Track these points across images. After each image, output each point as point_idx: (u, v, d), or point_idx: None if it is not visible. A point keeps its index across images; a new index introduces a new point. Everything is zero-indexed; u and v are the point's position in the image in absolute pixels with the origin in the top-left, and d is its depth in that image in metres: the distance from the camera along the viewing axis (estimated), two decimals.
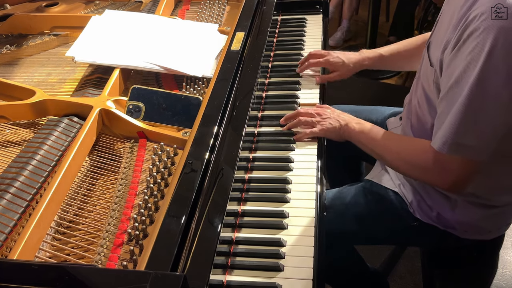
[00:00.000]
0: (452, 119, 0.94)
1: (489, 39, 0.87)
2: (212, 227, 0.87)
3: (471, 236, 1.18)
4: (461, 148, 0.95)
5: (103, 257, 0.86)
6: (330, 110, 1.27)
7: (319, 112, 1.25)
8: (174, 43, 1.38)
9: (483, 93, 0.90)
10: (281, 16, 1.78)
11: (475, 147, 0.95)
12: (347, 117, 1.24)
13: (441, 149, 0.97)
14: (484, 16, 0.88)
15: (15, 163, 1.00)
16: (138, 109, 1.15)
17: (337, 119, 1.23)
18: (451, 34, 0.96)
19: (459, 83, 0.93)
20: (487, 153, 0.96)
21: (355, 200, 1.27)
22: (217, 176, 0.96)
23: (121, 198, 0.98)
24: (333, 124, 1.22)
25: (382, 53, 1.45)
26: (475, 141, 0.94)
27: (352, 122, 1.21)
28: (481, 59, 0.88)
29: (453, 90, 0.94)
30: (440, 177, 1.03)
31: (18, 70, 1.37)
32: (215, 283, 0.89)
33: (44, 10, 1.66)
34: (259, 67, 1.28)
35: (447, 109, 0.96)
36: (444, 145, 0.97)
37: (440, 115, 0.99)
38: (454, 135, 0.95)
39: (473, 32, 0.89)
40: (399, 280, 1.85)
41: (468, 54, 0.90)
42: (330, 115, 1.24)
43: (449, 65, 0.96)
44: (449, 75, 0.96)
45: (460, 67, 0.92)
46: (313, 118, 1.24)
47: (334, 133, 1.22)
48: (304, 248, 0.97)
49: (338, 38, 3.54)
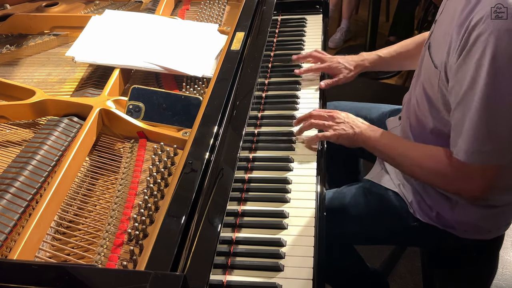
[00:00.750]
0: (470, 128, 0.94)
1: (493, 42, 0.86)
2: (212, 227, 0.87)
3: (471, 236, 1.18)
4: (485, 155, 0.95)
5: (103, 257, 0.86)
6: (345, 114, 1.21)
7: (332, 115, 1.21)
8: (174, 43, 1.38)
9: (496, 97, 0.90)
10: (281, 16, 1.78)
11: (496, 152, 0.95)
12: (361, 124, 1.19)
13: (466, 160, 0.96)
14: (487, 21, 0.88)
15: (15, 163, 1.00)
16: (138, 109, 1.15)
17: (351, 125, 1.18)
18: (454, 37, 0.96)
19: (471, 90, 0.92)
20: (509, 155, 0.96)
21: (355, 200, 1.27)
22: (217, 176, 0.96)
23: (121, 198, 0.98)
24: (346, 130, 1.17)
25: (381, 55, 1.45)
26: (495, 146, 0.94)
27: (367, 130, 1.17)
28: (488, 63, 0.88)
29: (466, 98, 0.93)
30: (464, 186, 1.02)
31: (18, 70, 1.37)
32: (215, 283, 0.89)
33: (44, 10, 1.66)
34: (259, 67, 1.28)
35: (462, 117, 0.95)
36: (470, 155, 0.96)
37: (457, 124, 0.98)
38: (474, 143, 0.94)
39: (478, 37, 0.89)
40: (399, 280, 1.85)
41: (477, 60, 0.89)
42: (344, 120, 1.20)
43: (458, 72, 0.95)
44: (459, 82, 0.95)
45: (470, 73, 0.91)
46: (326, 122, 1.20)
47: (347, 139, 1.18)
48: (304, 248, 0.97)
49: (337, 40, 3.51)
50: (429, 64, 1.08)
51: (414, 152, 1.12)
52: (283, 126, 1.29)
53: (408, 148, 1.14)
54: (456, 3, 0.99)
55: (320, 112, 1.23)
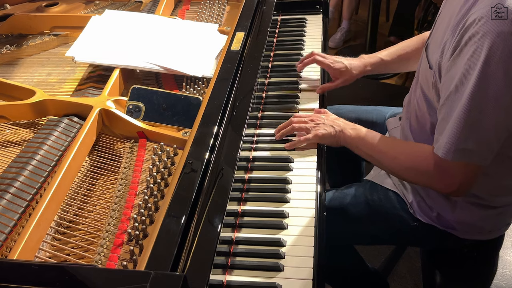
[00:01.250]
0: (454, 126, 0.94)
1: (487, 44, 0.86)
2: (212, 227, 0.87)
3: (471, 236, 1.18)
4: (465, 153, 0.95)
5: (103, 257, 0.86)
6: (325, 116, 1.23)
7: (312, 119, 1.22)
8: (174, 43, 1.38)
9: (483, 98, 0.90)
10: (281, 16, 1.78)
11: (478, 151, 0.95)
12: (342, 123, 1.20)
13: (446, 156, 0.96)
14: (483, 21, 0.87)
15: (15, 163, 1.00)
16: (138, 109, 1.15)
17: (331, 124, 1.20)
18: (449, 37, 0.96)
19: (460, 89, 0.92)
20: (490, 157, 0.96)
21: (355, 201, 1.27)
22: (217, 176, 0.96)
23: (121, 198, 0.98)
24: (327, 130, 1.19)
25: (382, 58, 1.43)
26: (478, 146, 0.94)
27: (347, 128, 1.18)
28: (480, 64, 0.88)
29: (453, 96, 0.94)
30: (442, 182, 1.02)
31: (18, 70, 1.37)
32: (215, 283, 0.89)
33: (44, 10, 1.66)
34: (259, 67, 1.28)
35: (448, 115, 0.96)
36: (448, 152, 0.96)
37: (441, 121, 0.99)
38: (457, 141, 0.94)
39: (472, 37, 0.89)
40: (399, 280, 1.85)
41: (468, 60, 0.90)
42: (324, 121, 1.21)
43: (449, 70, 0.95)
44: (449, 80, 0.95)
45: (460, 72, 0.92)
46: (307, 125, 1.21)
47: (329, 139, 1.19)
48: (304, 248, 0.97)
49: (337, 40, 3.51)
50: (426, 65, 1.09)
51: (394, 149, 1.12)
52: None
53: (388, 145, 1.14)
54: (454, 5, 0.99)
55: (300, 117, 1.23)
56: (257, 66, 1.28)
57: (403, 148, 1.13)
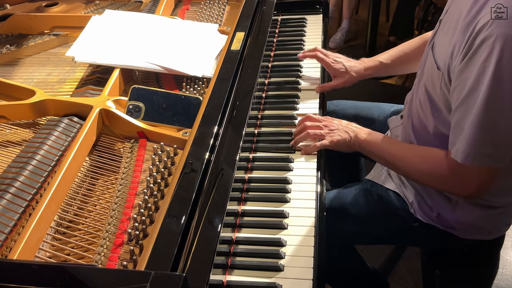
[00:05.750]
0: (471, 130, 0.93)
1: (500, 47, 0.86)
2: (212, 227, 0.87)
3: (471, 237, 1.18)
4: (483, 157, 0.95)
5: (103, 257, 0.86)
6: (337, 121, 1.23)
7: (326, 124, 1.22)
8: (174, 43, 1.38)
9: (498, 101, 0.89)
10: (281, 16, 1.78)
11: (496, 155, 0.95)
12: (355, 128, 1.21)
13: (464, 161, 0.96)
14: (494, 24, 0.87)
15: (15, 163, 1.00)
16: (138, 109, 1.15)
17: (345, 130, 1.20)
18: (458, 39, 0.95)
19: (474, 93, 0.91)
20: (508, 158, 0.96)
21: (355, 201, 1.27)
22: (217, 176, 0.96)
23: (121, 198, 0.98)
24: (342, 136, 1.19)
25: (382, 61, 1.43)
26: (496, 148, 0.94)
27: (361, 133, 1.19)
28: (493, 67, 0.87)
29: (467, 100, 0.93)
30: (459, 186, 1.03)
31: (18, 70, 1.37)
32: (215, 283, 0.89)
33: (44, 10, 1.66)
34: (259, 67, 1.28)
35: (463, 119, 0.95)
36: (467, 157, 0.96)
37: (456, 125, 0.98)
38: (474, 146, 0.94)
39: (484, 40, 0.88)
40: (399, 280, 1.85)
41: (481, 64, 0.89)
42: (338, 127, 1.21)
43: (461, 73, 0.94)
44: (461, 84, 0.94)
45: (473, 76, 0.91)
46: (321, 131, 1.21)
47: (344, 145, 1.20)
48: (304, 248, 0.97)
49: (338, 40, 3.51)
50: (432, 65, 1.07)
51: (410, 155, 1.12)
52: (283, 126, 1.29)
53: (403, 150, 1.15)
54: (462, 4, 0.98)
55: (314, 122, 1.23)
56: (257, 66, 1.28)
57: (417, 152, 1.13)
